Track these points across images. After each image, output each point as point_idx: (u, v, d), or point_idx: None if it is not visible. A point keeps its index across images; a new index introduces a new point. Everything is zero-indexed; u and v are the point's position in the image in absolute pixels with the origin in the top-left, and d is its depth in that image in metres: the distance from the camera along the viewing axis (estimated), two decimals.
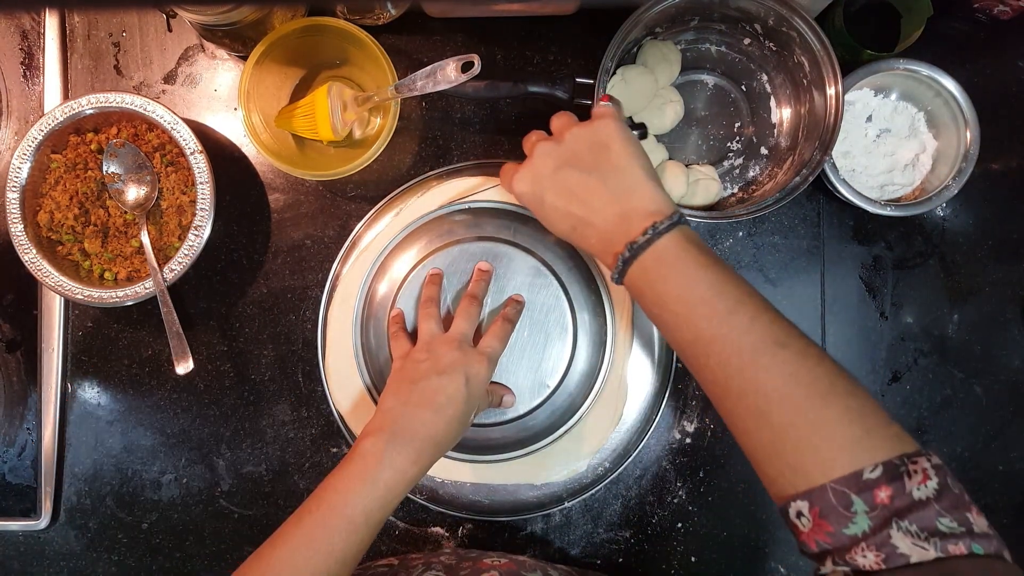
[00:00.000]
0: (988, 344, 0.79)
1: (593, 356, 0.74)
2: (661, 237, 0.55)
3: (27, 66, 0.79)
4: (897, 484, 0.45)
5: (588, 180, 0.58)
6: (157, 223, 0.76)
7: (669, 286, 0.55)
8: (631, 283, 0.57)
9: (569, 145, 0.60)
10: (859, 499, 0.45)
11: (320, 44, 0.73)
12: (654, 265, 0.55)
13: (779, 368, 0.50)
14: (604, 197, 0.58)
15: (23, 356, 0.78)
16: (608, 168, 0.58)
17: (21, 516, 0.77)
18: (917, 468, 0.46)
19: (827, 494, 0.46)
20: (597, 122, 0.60)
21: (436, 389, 0.63)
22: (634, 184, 0.58)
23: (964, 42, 0.79)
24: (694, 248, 0.55)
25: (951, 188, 0.74)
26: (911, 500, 0.45)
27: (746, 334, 0.52)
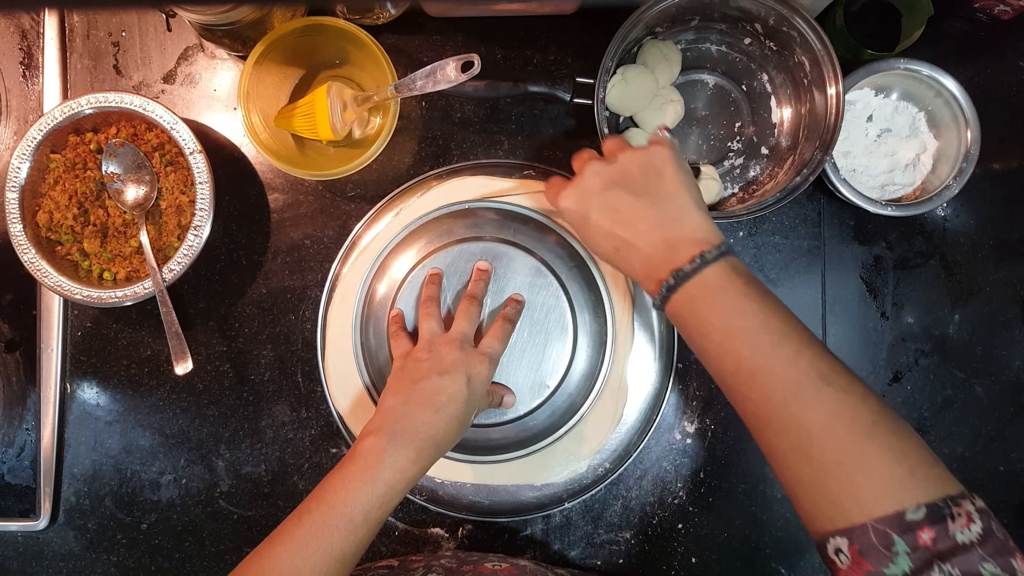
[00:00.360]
0: (989, 344, 0.79)
1: (593, 356, 0.74)
2: (708, 266, 0.55)
3: (26, 66, 0.79)
4: (940, 526, 0.45)
5: (637, 203, 0.58)
6: (156, 223, 0.75)
7: (713, 315, 0.55)
8: (674, 311, 0.57)
9: (622, 166, 0.60)
10: (901, 539, 0.45)
11: (320, 44, 0.73)
12: (699, 293, 0.55)
13: (823, 404, 0.50)
14: (652, 221, 0.58)
15: (22, 356, 0.78)
16: (659, 193, 0.58)
17: (20, 516, 0.77)
18: (961, 511, 0.45)
19: (868, 533, 0.46)
20: (653, 148, 0.60)
21: (437, 389, 0.63)
22: (684, 212, 0.58)
23: (965, 42, 0.79)
24: (741, 279, 0.55)
25: (952, 188, 0.73)
26: (954, 543, 0.44)
27: (790, 367, 0.51)
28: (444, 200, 0.74)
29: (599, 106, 0.70)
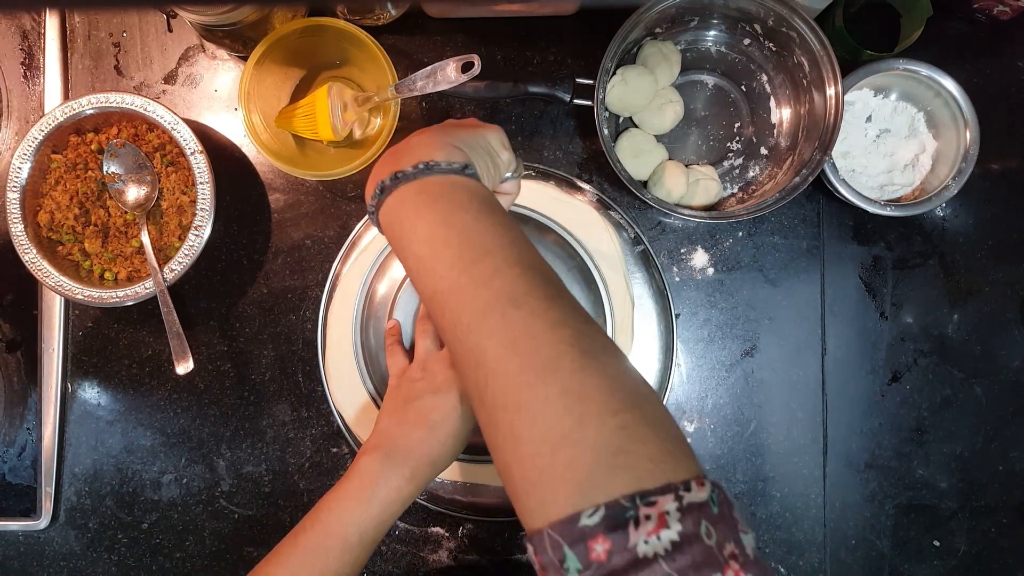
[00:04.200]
0: (988, 344, 0.79)
1: None
2: (434, 174, 0.47)
3: (27, 66, 0.79)
4: (619, 535, 0.34)
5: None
6: (157, 223, 0.76)
7: (421, 223, 0.45)
8: (386, 218, 0.48)
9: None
10: (572, 553, 0.35)
11: (320, 44, 0.73)
12: (414, 198, 0.46)
13: (504, 332, 0.40)
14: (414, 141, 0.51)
15: (23, 356, 0.78)
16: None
17: (21, 516, 0.77)
18: (652, 512, 0.34)
19: (544, 542, 0.36)
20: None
21: (431, 408, 0.63)
22: (445, 134, 0.51)
23: (964, 42, 0.79)
24: (465, 193, 0.46)
25: (951, 188, 0.74)
26: (633, 557, 0.34)
27: (482, 288, 0.41)
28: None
29: (599, 107, 0.71)
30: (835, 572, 0.78)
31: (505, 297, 0.41)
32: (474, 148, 0.52)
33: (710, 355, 0.79)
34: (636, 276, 0.75)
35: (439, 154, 0.47)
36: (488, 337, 0.40)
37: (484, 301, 0.41)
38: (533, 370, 0.38)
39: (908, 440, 0.79)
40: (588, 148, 0.78)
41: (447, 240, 0.44)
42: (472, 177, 0.48)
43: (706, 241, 0.79)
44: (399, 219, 0.47)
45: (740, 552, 0.35)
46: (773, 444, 0.78)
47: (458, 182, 0.47)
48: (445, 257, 0.44)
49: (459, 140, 0.50)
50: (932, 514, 0.78)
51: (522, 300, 0.40)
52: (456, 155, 0.48)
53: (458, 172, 0.47)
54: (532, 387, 0.38)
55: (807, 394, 0.78)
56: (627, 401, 0.38)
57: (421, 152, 0.48)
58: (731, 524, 0.36)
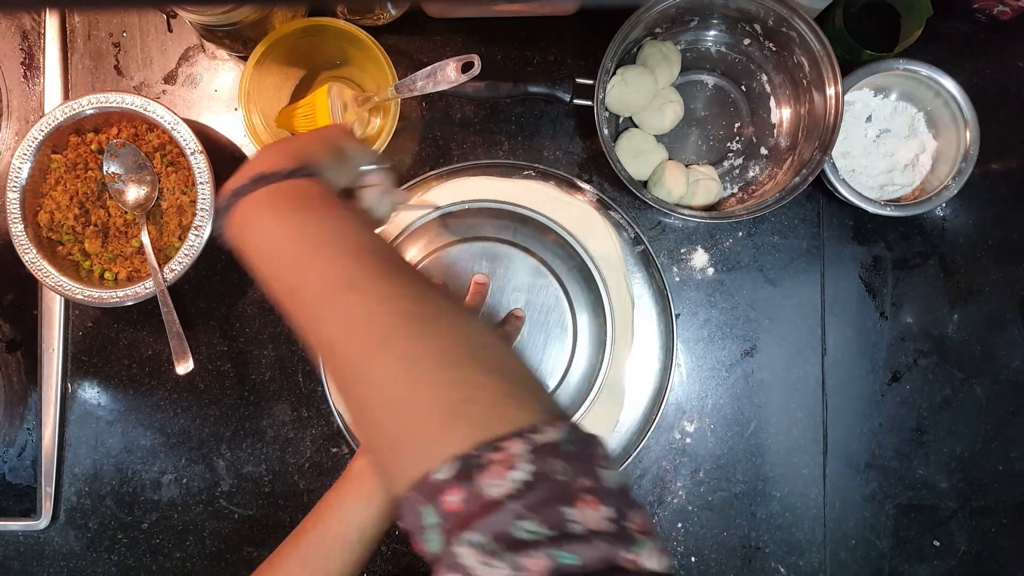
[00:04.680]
0: (988, 344, 0.79)
1: (593, 356, 0.75)
2: (267, 183, 0.47)
3: (27, 66, 0.79)
4: (469, 483, 0.34)
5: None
6: (157, 223, 0.76)
7: (258, 231, 0.46)
8: (230, 236, 0.49)
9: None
10: (429, 509, 0.35)
11: (320, 44, 0.73)
12: (252, 208, 0.47)
13: (343, 315, 0.41)
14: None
15: (23, 356, 0.78)
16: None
17: (21, 516, 0.77)
18: (500, 456, 0.34)
19: (405, 506, 0.36)
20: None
21: None
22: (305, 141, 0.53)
23: (964, 42, 0.79)
24: (298, 195, 0.47)
25: (951, 188, 0.74)
26: (484, 501, 0.33)
27: (320, 279, 0.42)
28: (444, 200, 0.74)
29: (599, 107, 0.71)
30: (835, 572, 0.78)
31: (343, 283, 0.41)
32: (312, 151, 0.51)
33: (710, 355, 0.79)
34: (636, 276, 0.75)
35: (270, 165, 0.48)
36: (330, 324, 0.41)
37: (322, 291, 0.42)
38: (370, 344, 0.39)
39: (908, 440, 0.79)
40: (588, 148, 0.78)
41: (284, 242, 0.45)
42: (309, 177, 0.49)
43: (706, 241, 0.79)
44: (241, 233, 0.48)
45: (597, 485, 0.34)
46: (773, 444, 0.78)
47: (292, 186, 0.48)
48: (284, 258, 0.45)
49: (294, 148, 0.51)
50: (932, 514, 0.78)
51: (357, 282, 0.41)
52: (288, 162, 0.49)
53: (291, 176, 0.48)
54: (371, 359, 0.39)
55: (807, 394, 0.78)
56: (464, 355, 0.38)
57: (255, 167, 0.49)
58: (588, 461, 0.35)
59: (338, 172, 0.53)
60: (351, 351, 0.40)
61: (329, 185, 0.50)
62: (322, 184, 0.49)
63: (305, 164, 0.49)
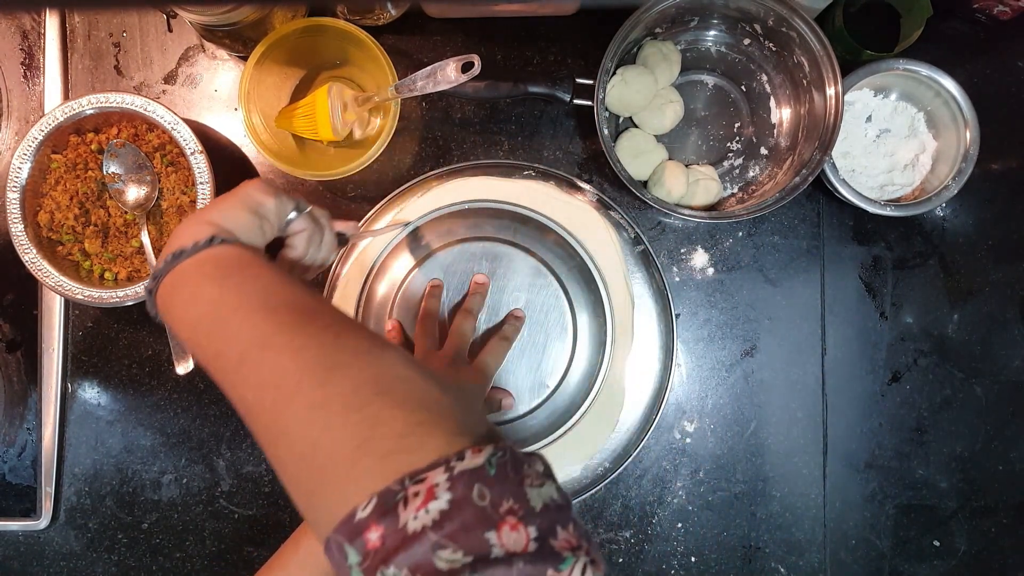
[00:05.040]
0: (988, 344, 0.79)
1: (593, 356, 0.75)
2: (181, 260, 0.49)
3: (27, 66, 0.79)
4: (390, 519, 0.34)
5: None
6: (157, 223, 0.76)
7: (178, 309, 0.48)
8: (162, 315, 0.50)
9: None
10: (351, 548, 0.34)
11: (320, 44, 0.73)
12: (169, 287, 0.49)
13: (257, 375, 0.41)
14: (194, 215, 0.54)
15: (23, 356, 0.78)
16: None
17: (21, 516, 0.77)
18: (421, 489, 0.34)
19: (332, 549, 0.36)
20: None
21: None
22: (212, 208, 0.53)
23: (964, 42, 0.79)
24: (212, 265, 0.48)
25: (951, 188, 0.74)
26: (404, 535, 0.33)
27: (234, 344, 0.43)
28: (444, 200, 0.74)
29: (599, 107, 0.71)
30: (835, 572, 0.78)
31: (256, 343, 0.42)
32: (229, 214, 0.52)
33: (710, 355, 0.79)
34: (636, 276, 0.75)
35: (186, 239, 0.50)
36: (247, 386, 0.42)
37: (239, 354, 0.42)
38: (280, 400, 0.40)
39: (908, 440, 0.79)
40: (588, 148, 0.78)
41: (203, 311, 0.46)
42: (225, 243, 0.50)
43: (706, 241, 0.79)
44: (166, 310, 0.49)
45: (521, 505, 0.34)
46: (773, 444, 0.78)
47: (208, 256, 0.49)
48: (203, 327, 0.45)
49: (208, 217, 0.52)
50: (932, 514, 0.78)
51: (270, 340, 0.42)
52: (203, 233, 0.50)
53: (207, 247, 0.49)
54: (283, 414, 0.39)
55: (807, 394, 0.78)
56: (373, 393, 0.38)
57: (172, 245, 0.50)
58: (513, 481, 0.35)
59: (257, 230, 0.54)
60: (265, 409, 0.40)
61: (246, 246, 0.51)
62: (238, 247, 0.50)
63: (218, 232, 0.50)
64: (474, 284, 0.74)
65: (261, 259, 0.50)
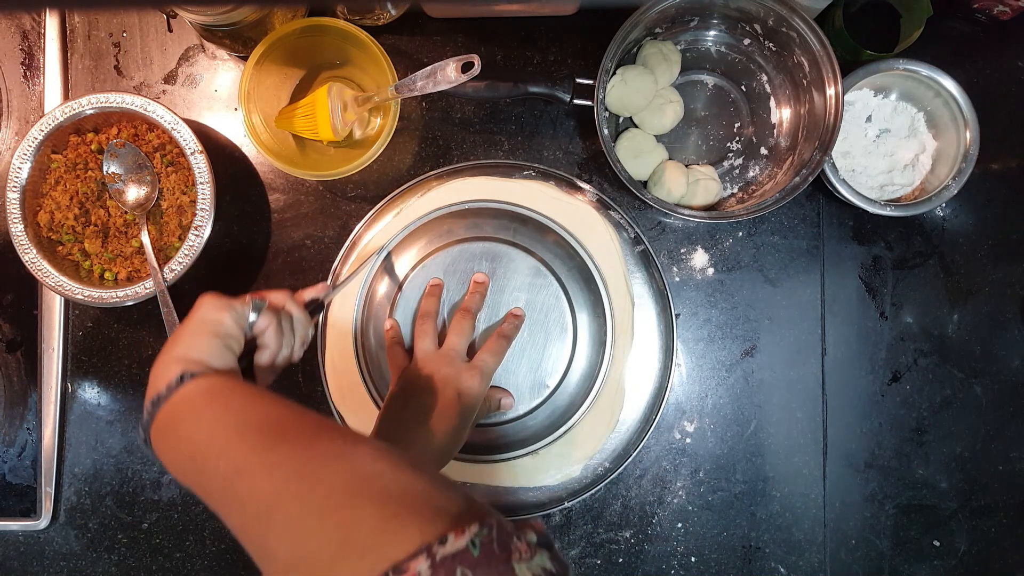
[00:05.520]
0: (988, 344, 0.79)
1: (593, 356, 0.75)
2: (160, 406, 0.51)
3: (27, 66, 0.79)
4: None
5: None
6: (157, 223, 0.76)
7: (164, 453, 0.50)
8: (156, 449, 0.51)
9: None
10: None
11: (320, 44, 0.73)
12: (155, 434, 0.51)
13: (237, 502, 0.43)
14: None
15: (23, 356, 0.78)
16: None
17: (21, 516, 0.77)
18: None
19: None
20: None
21: (428, 406, 0.63)
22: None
23: (964, 42, 0.79)
24: (186, 406, 0.50)
25: (951, 188, 0.74)
26: None
27: (215, 477, 0.45)
28: (444, 200, 0.74)
29: (599, 107, 0.71)
30: (835, 572, 0.78)
31: (233, 472, 0.44)
32: (192, 344, 0.54)
33: (710, 355, 0.79)
34: (636, 276, 0.75)
35: (160, 383, 0.52)
36: (230, 512, 0.43)
37: (220, 487, 0.44)
38: (263, 519, 0.41)
39: (908, 440, 0.79)
40: (588, 148, 0.78)
41: (184, 456, 0.48)
42: (195, 377, 0.51)
43: (706, 241, 0.79)
44: (159, 454, 0.51)
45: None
46: (773, 444, 0.78)
47: (180, 397, 0.51)
48: (189, 469, 0.47)
49: (175, 351, 0.54)
50: (932, 514, 0.78)
51: (244, 466, 0.43)
52: (172, 372, 0.52)
53: (178, 387, 0.51)
54: (266, 533, 0.41)
55: (807, 394, 0.78)
56: (346, 495, 0.39)
57: (150, 391, 0.52)
58: (499, 559, 0.35)
59: (223, 349, 0.55)
60: (249, 531, 0.42)
61: (216, 373, 0.53)
62: (207, 378, 0.51)
63: (186, 367, 0.52)
64: (473, 283, 0.74)
65: (231, 383, 0.52)
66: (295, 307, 0.61)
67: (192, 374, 0.51)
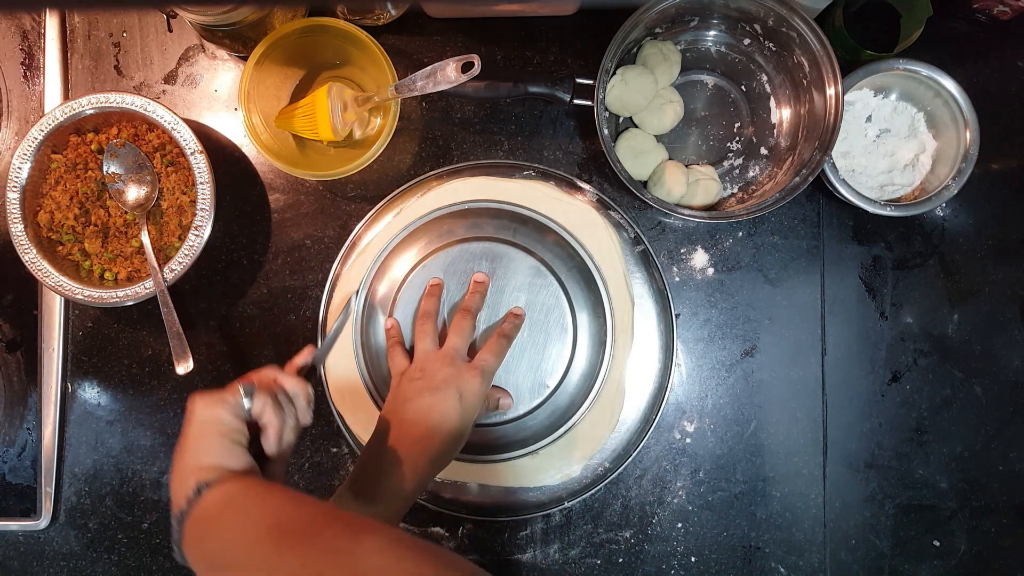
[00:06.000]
0: (988, 344, 0.79)
1: (593, 356, 0.74)
2: (185, 522, 0.52)
3: (27, 66, 0.79)
4: None
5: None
6: (157, 223, 0.76)
7: (194, 566, 0.51)
8: (191, 563, 0.52)
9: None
10: None
11: (320, 44, 0.73)
12: (190, 537, 0.51)
13: None
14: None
15: (23, 356, 0.78)
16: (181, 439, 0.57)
17: (21, 516, 0.77)
18: None
19: None
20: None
21: (429, 407, 0.63)
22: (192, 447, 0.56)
23: (964, 42, 0.79)
24: (205, 521, 0.51)
25: (951, 188, 0.74)
26: None
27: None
28: (444, 200, 0.74)
29: (599, 107, 0.71)
30: (835, 572, 0.78)
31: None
32: (200, 449, 0.54)
33: (710, 355, 0.79)
34: (636, 276, 0.75)
35: (180, 498, 0.53)
36: None
37: None
38: None
39: (908, 440, 0.79)
40: (588, 148, 0.78)
41: (210, 568, 0.50)
42: (209, 486, 0.52)
43: (706, 241, 0.79)
44: (193, 567, 0.52)
45: None
46: (773, 444, 0.78)
47: (200, 511, 0.51)
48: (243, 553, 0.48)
49: (187, 461, 0.54)
50: (932, 514, 0.78)
51: (256, 571, 0.45)
52: (188, 485, 0.52)
53: (196, 499, 0.52)
54: None
55: (807, 394, 0.78)
56: None
57: (173, 507, 0.53)
58: None
59: (231, 445, 0.55)
60: None
61: (230, 476, 0.53)
62: (220, 485, 0.52)
63: (200, 476, 0.53)
64: (473, 283, 0.74)
65: (244, 486, 0.52)
66: (286, 379, 0.61)
67: (207, 483, 0.52)
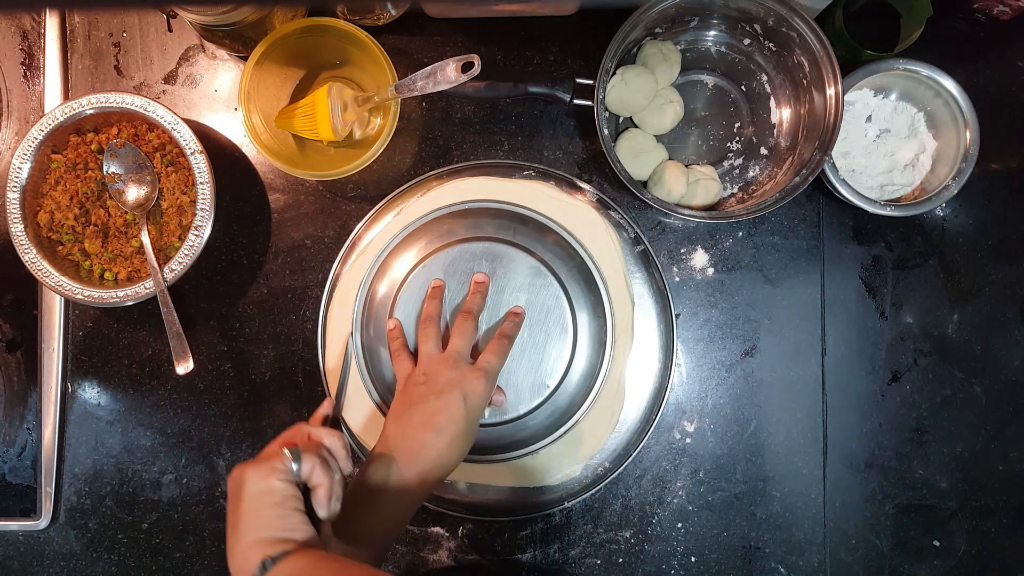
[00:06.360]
0: (988, 344, 0.79)
1: (593, 356, 0.74)
2: (275, 566, 0.51)
3: (27, 66, 0.79)
4: None
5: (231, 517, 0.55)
6: (157, 223, 0.76)
7: None
8: None
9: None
10: None
11: (320, 44, 0.73)
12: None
13: None
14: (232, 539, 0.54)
15: (23, 356, 0.78)
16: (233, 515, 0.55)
17: (21, 516, 0.77)
18: None
19: None
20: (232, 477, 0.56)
21: (434, 410, 0.63)
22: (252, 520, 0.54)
23: (964, 42, 0.79)
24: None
25: (951, 188, 0.74)
26: None
27: None
28: (444, 200, 0.74)
29: (599, 107, 0.71)
30: (835, 572, 0.78)
31: None
32: (260, 524, 0.52)
33: (710, 355, 0.79)
34: (636, 276, 0.75)
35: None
36: None
37: None
38: None
39: (908, 440, 0.79)
40: (588, 148, 0.78)
41: None
42: (276, 563, 0.50)
43: (706, 241, 0.79)
44: None
45: None
46: (773, 444, 0.78)
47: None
48: None
49: (248, 536, 0.52)
50: (932, 514, 0.78)
51: None
52: (252, 561, 0.50)
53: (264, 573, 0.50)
54: None
55: (807, 394, 0.78)
56: None
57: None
58: None
59: (290, 512, 0.53)
60: None
61: (295, 543, 0.52)
62: (287, 560, 0.50)
63: (264, 552, 0.51)
64: (474, 284, 0.74)
65: (310, 562, 0.51)
66: (322, 433, 0.59)
67: (273, 558, 0.50)
